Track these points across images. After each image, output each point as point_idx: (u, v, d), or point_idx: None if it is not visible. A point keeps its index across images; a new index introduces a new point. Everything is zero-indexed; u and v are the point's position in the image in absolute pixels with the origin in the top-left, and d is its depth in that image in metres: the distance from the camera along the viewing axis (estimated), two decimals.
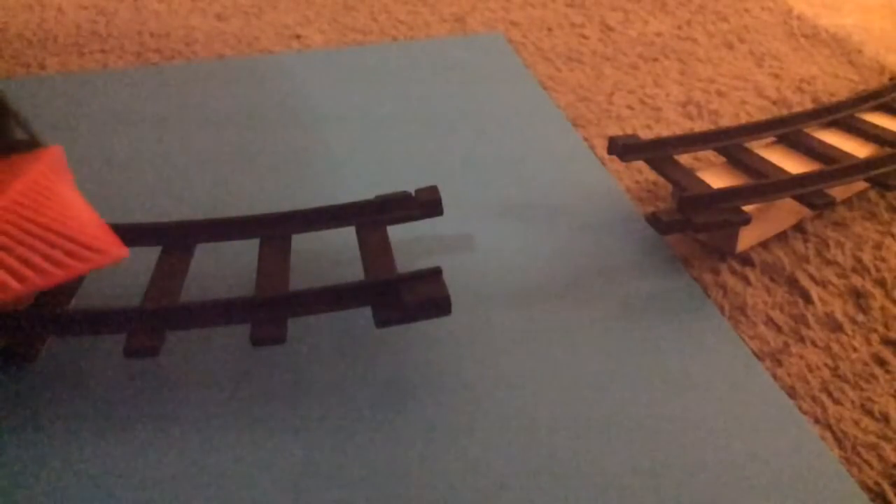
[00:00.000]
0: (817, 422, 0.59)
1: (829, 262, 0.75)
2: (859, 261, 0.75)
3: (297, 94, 1.09)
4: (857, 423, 0.59)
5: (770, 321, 0.68)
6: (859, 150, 0.83)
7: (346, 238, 0.78)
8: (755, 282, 0.73)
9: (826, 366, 0.64)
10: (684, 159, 0.91)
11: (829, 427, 0.58)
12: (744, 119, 1.00)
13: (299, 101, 1.07)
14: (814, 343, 0.66)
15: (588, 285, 0.72)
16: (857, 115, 0.90)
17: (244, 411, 0.60)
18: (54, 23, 1.36)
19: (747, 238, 0.76)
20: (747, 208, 0.73)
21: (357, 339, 0.67)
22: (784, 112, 1.01)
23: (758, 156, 0.82)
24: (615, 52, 1.19)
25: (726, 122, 0.99)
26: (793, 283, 0.72)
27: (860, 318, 0.68)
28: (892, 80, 1.01)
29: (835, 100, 0.97)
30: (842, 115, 0.89)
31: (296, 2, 1.42)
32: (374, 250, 0.69)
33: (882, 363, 0.64)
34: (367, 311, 0.69)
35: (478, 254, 0.77)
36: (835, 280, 0.73)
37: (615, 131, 0.98)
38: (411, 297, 0.61)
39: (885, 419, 0.59)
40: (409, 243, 0.78)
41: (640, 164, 0.91)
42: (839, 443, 0.57)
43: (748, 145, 0.85)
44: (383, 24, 1.32)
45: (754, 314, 0.69)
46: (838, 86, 1.08)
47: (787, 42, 1.21)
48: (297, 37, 1.28)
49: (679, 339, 0.66)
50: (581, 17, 1.32)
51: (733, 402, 0.60)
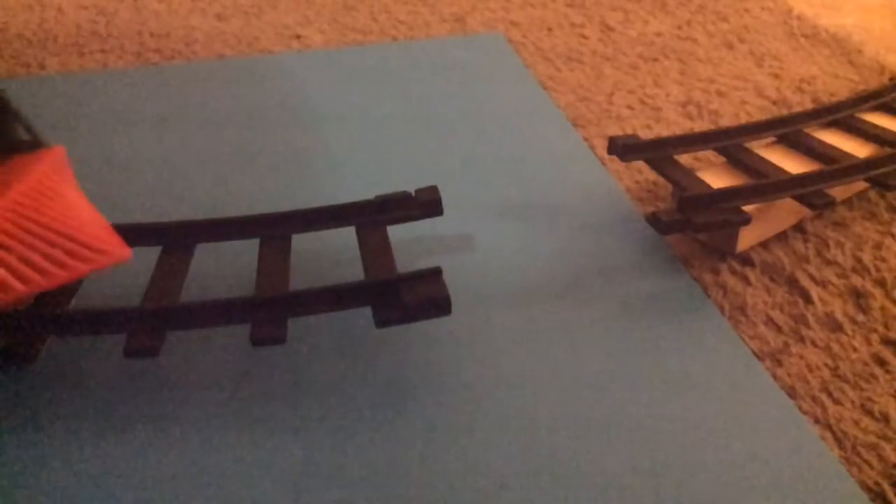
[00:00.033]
0: (817, 422, 0.59)
1: (829, 262, 0.75)
2: (859, 261, 0.75)
3: (297, 94, 1.09)
4: (857, 423, 0.59)
5: (770, 321, 0.68)
6: (859, 150, 0.83)
7: (346, 238, 0.78)
8: (755, 282, 0.73)
9: (826, 366, 0.64)
10: (684, 159, 0.91)
11: (829, 427, 0.58)
12: (744, 119, 1.00)
13: (299, 101, 1.07)
14: (814, 343, 0.66)
15: (588, 285, 0.72)
16: (857, 115, 0.90)
17: (244, 411, 0.60)
18: (54, 23, 1.36)
19: (747, 238, 0.76)
20: (747, 208, 0.73)
21: (357, 339, 0.67)
22: (784, 112, 1.01)
23: (758, 156, 0.82)
24: (615, 52, 1.19)
25: (726, 122, 0.99)
26: (793, 283, 0.72)
27: (860, 318, 0.68)
28: (892, 80, 1.01)
29: (835, 100, 0.97)
30: (842, 115, 0.89)
31: (296, 2, 1.42)
32: (374, 250, 0.69)
33: (882, 363, 0.64)
34: (367, 311, 0.69)
35: (478, 254, 0.77)
36: (835, 280, 0.73)
37: (615, 131, 0.98)
38: (411, 297, 0.61)
39: (885, 419, 0.59)
40: (409, 243, 0.78)
41: (640, 164, 0.91)
42: (839, 443, 0.57)
43: (748, 145, 0.85)
44: (383, 24, 1.32)
45: (754, 314, 0.69)
46: (838, 86, 1.08)
47: (787, 42, 1.21)
48: (297, 37, 1.28)
49: (679, 339, 0.66)
50: (581, 17, 1.32)
51: (733, 402, 0.60)
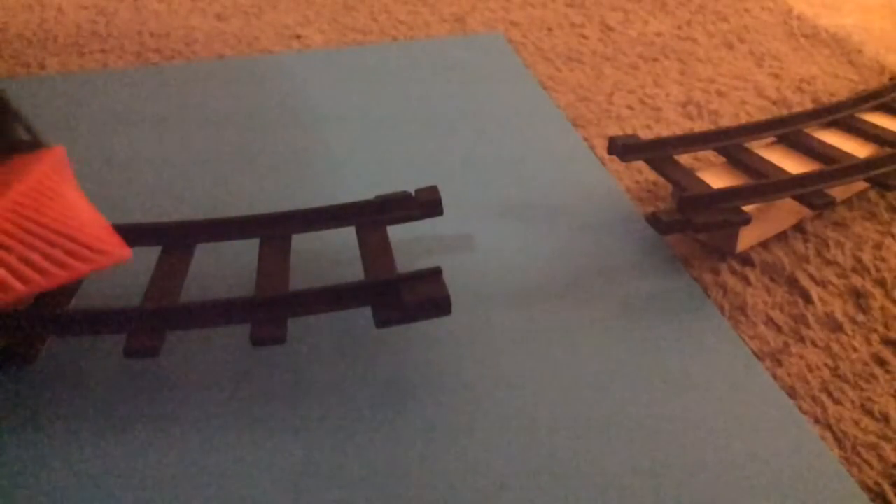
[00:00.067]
0: (817, 422, 0.59)
1: (829, 262, 0.75)
2: (859, 261, 0.75)
3: (297, 94, 1.09)
4: (857, 423, 0.59)
5: (770, 321, 0.68)
6: (859, 150, 0.83)
7: (346, 238, 0.78)
8: (755, 282, 0.73)
9: (826, 366, 0.64)
10: (684, 159, 0.91)
11: (829, 427, 0.58)
12: (744, 119, 1.00)
13: (299, 101, 1.07)
14: (814, 343, 0.66)
15: (588, 285, 0.72)
16: (857, 115, 0.90)
17: (244, 411, 0.60)
18: (54, 23, 1.36)
19: (747, 238, 0.76)
20: (747, 208, 0.73)
21: (357, 339, 0.67)
22: (784, 112, 1.01)
23: (758, 156, 0.82)
24: (615, 52, 1.19)
25: (726, 122, 0.99)
26: (793, 283, 0.72)
27: (860, 318, 0.68)
28: (892, 80, 1.01)
29: (835, 100, 0.97)
30: (842, 115, 0.89)
31: (296, 2, 1.42)
32: (374, 250, 0.69)
33: (882, 363, 0.64)
34: (367, 311, 0.69)
35: (478, 254, 0.77)
36: (835, 280, 0.73)
37: (615, 131, 0.98)
38: (411, 297, 0.61)
39: (885, 419, 0.59)
40: (409, 243, 0.78)
41: (640, 164, 0.91)
42: (839, 443, 0.57)
43: (748, 145, 0.85)
44: (383, 24, 1.32)
45: (754, 314, 0.69)
46: (838, 86, 1.08)
47: (787, 42, 1.21)
48: (297, 37, 1.28)
49: (679, 339, 0.66)
50: (581, 17, 1.32)
51: (733, 402, 0.60)
